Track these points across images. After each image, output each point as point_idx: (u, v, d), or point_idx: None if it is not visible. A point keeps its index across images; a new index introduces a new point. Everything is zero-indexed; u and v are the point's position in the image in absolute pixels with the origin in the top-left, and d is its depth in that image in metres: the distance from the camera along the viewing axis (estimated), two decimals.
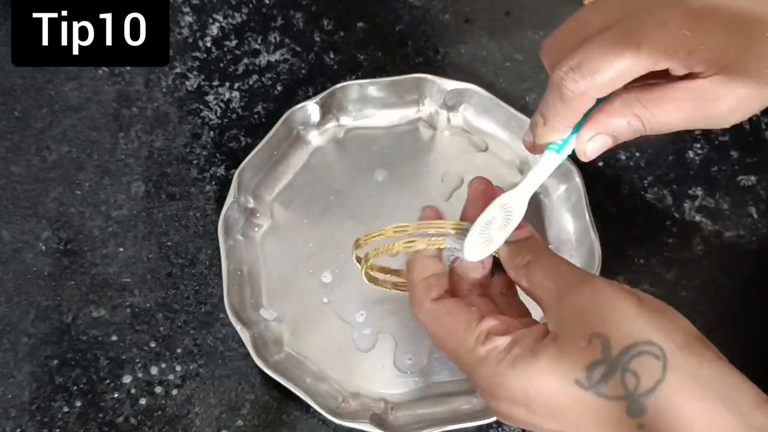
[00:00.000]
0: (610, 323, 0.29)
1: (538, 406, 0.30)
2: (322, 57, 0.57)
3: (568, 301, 0.31)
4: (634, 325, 0.29)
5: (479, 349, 0.32)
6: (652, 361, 0.28)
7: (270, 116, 0.55)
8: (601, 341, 0.29)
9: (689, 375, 0.28)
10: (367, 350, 0.48)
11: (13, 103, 0.55)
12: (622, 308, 0.30)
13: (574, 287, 0.31)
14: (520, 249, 0.36)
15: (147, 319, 0.49)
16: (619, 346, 0.29)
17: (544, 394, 0.30)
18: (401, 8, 0.59)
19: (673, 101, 0.33)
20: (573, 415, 0.30)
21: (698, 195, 0.53)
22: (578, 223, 0.51)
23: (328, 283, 0.50)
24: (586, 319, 0.30)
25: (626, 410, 0.28)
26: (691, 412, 0.27)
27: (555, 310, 0.32)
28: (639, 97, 0.33)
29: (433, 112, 0.55)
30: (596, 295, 0.30)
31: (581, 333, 0.29)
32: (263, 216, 0.52)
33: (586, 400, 0.29)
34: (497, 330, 0.33)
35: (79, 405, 0.47)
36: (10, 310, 0.49)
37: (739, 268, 0.51)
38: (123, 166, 0.53)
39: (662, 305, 0.31)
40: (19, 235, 0.51)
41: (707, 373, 0.28)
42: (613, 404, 0.28)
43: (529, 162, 0.54)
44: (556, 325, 0.31)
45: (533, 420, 0.31)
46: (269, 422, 0.47)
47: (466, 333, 0.33)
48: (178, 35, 0.58)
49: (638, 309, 0.30)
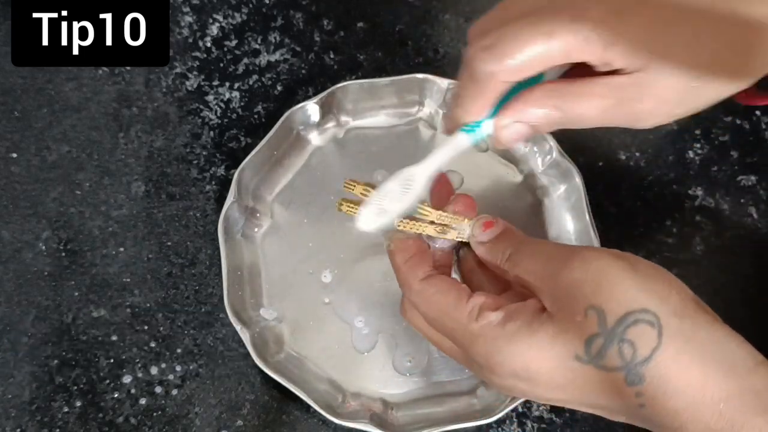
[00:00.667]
0: (604, 294, 0.29)
1: (540, 380, 0.31)
2: (322, 57, 0.57)
3: (559, 279, 0.31)
4: (627, 293, 0.29)
5: (473, 325, 0.32)
6: (648, 329, 0.28)
7: (270, 116, 0.55)
8: (597, 313, 0.29)
9: (684, 340, 0.28)
10: (366, 351, 0.48)
11: (13, 103, 0.55)
12: (614, 277, 0.29)
13: (562, 264, 0.31)
14: (497, 245, 0.35)
15: (147, 319, 0.49)
16: (615, 317, 0.28)
17: (546, 369, 0.30)
18: (401, 8, 0.59)
19: (592, 96, 0.32)
20: (575, 387, 0.30)
21: (698, 195, 0.53)
22: (578, 223, 0.51)
23: (328, 283, 0.50)
24: (580, 293, 0.30)
25: (625, 379, 0.28)
26: (687, 377, 0.27)
27: (548, 290, 0.31)
28: (559, 88, 0.33)
29: (433, 112, 0.55)
30: (586, 266, 0.30)
31: (577, 308, 0.29)
32: (263, 216, 0.52)
33: (586, 373, 0.29)
34: (488, 305, 0.33)
35: (79, 405, 0.47)
36: (10, 310, 0.49)
37: (739, 268, 0.51)
38: (123, 166, 0.53)
39: (655, 269, 0.30)
40: (19, 235, 0.51)
41: (702, 336, 0.28)
42: (613, 375, 0.29)
43: (529, 162, 0.54)
44: (551, 303, 0.31)
45: (536, 392, 0.31)
46: (269, 422, 0.47)
47: (457, 310, 0.33)
48: (178, 35, 0.58)
49: (631, 275, 0.29)
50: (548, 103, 0.33)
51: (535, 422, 0.48)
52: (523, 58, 0.31)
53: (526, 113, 0.33)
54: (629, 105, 0.32)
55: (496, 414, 0.45)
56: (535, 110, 0.33)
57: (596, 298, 0.29)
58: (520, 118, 0.34)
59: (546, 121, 0.33)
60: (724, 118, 0.55)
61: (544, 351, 0.30)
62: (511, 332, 0.31)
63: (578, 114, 0.33)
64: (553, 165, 0.52)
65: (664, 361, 0.28)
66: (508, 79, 0.32)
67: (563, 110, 0.33)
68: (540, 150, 0.53)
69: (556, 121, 0.33)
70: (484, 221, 0.36)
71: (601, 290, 0.29)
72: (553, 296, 0.31)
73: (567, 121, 0.33)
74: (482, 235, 0.36)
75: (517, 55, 0.31)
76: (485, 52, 0.32)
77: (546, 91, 0.33)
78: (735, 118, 0.55)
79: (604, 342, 0.28)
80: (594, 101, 0.33)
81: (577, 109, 0.33)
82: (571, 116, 0.33)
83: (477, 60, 0.32)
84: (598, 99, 0.32)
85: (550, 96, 0.33)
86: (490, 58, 0.32)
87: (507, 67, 0.31)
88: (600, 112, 0.33)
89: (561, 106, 0.33)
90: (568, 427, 0.48)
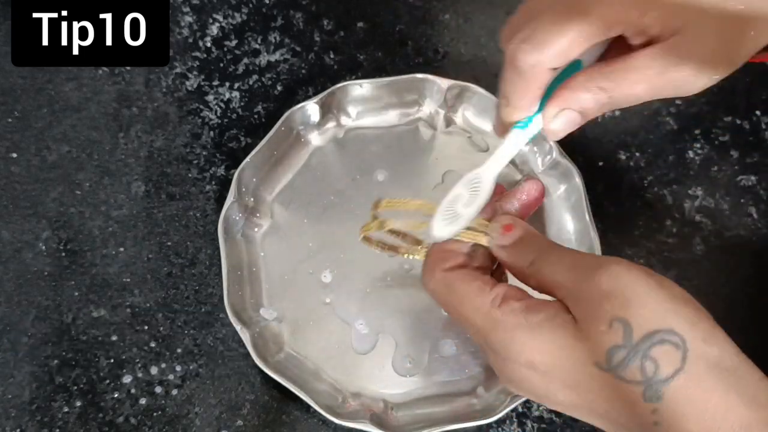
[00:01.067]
0: (633, 308, 0.29)
1: (555, 375, 0.30)
2: (322, 57, 0.57)
3: (585, 290, 0.30)
4: (656, 311, 0.29)
5: (495, 312, 0.32)
6: (673, 350, 0.28)
7: (270, 116, 0.55)
8: (623, 326, 0.28)
9: (708, 366, 0.27)
10: (366, 352, 0.48)
11: (13, 103, 0.55)
12: (644, 293, 0.29)
13: (589, 276, 0.30)
14: (518, 250, 0.34)
15: (147, 319, 0.49)
16: (641, 332, 0.28)
17: (563, 366, 0.30)
18: (401, 8, 0.59)
19: (636, 70, 0.33)
20: (589, 390, 0.30)
21: (698, 195, 0.53)
22: (578, 223, 0.51)
23: (328, 283, 0.50)
24: (607, 304, 0.29)
25: (642, 394, 0.28)
26: (706, 402, 0.27)
27: (573, 298, 0.31)
28: (602, 69, 0.33)
29: (433, 112, 0.55)
30: (615, 281, 0.30)
31: (602, 317, 0.29)
32: (263, 216, 0.52)
33: (604, 379, 0.29)
34: (512, 295, 0.32)
35: (79, 405, 0.47)
36: (10, 310, 0.49)
37: (739, 268, 0.51)
38: (123, 166, 0.53)
39: (684, 293, 0.30)
40: (19, 235, 0.51)
41: (727, 365, 0.28)
42: (631, 387, 0.28)
43: (529, 162, 0.54)
44: (575, 309, 0.31)
45: (548, 387, 0.31)
46: (269, 422, 0.47)
47: (480, 297, 0.33)
48: (178, 35, 0.58)
49: (662, 295, 0.29)
50: (594, 85, 0.33)
51: (535, 422, 0.48)
52: (564, 41, 0.31)
53: (574, 99, 0.34)
54: (672, 72, 0.32)
55: (496, 414, 0.45)
56: (583, 94, 0.33)
57: (624, 311, 0.29)
58: (569, 105, 0.34)
59: (595, 104, 0.33)
60: (724, 118, 0.55)
61: (565, 349, 0.30)
62: (534, 323, 0.31)
63: (626, 92, 0.33)
64: (553, 165, 0.52)
65: (686, 383, 0.27)
66: (553, 65, 0.32)
67: (610, 90, 0.33)
68: (540, 150, 0.53)
69: (605, 103, 0.34)
70: (503, 224, 0.35)
71: (630, 304, 0.29)
72: (578, 304, 0.31)
73: (615, 101, 0.34)
74: (502, 239, 0.35)
75: (557, 39, 0.31)
76: (526, 43, 0.32)
77: (590, 75, 0.33)
78: (735, 118, 0.55)
79: (627, 355, 0.28)
80: (640, 76, 0.33)
81: (624, 87, 0.33)
82: (618, 95, 0.33)
83: (519, 53, 0.32)
84: (644, 72, 0.32)
85: (593, 78, 0.33)
86: (532, 49, 0.32)
87: (550, 53, 0.32)
88: (647, 86, 0.33)
89: (607, 87, 0.33)
90: (568, 427, 0.48)
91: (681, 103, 0.56)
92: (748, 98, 0.56)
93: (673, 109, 0.56)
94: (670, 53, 0.32)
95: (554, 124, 0.34)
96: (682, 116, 0.55)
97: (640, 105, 0.34)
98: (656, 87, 0.33)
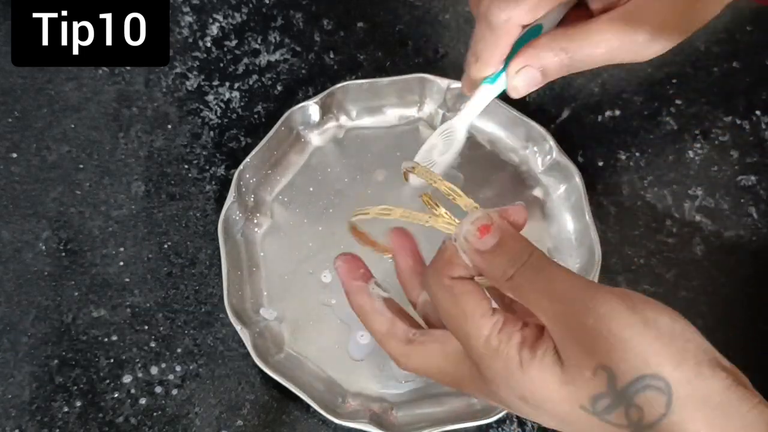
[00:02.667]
0: (617, 354, 0.28)
1: (546, 411, 0.30)
2: (322, 57, 0.57)
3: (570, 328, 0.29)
4: (640, 356, 0.28)
5: (493, 339, 0.31)
6: (657, 396, 0.27)
7: (270, 116, 0.55)
8: (606, 374, 0.28)
9: (694, 407, 0.27)
10: (361, 359, 0.48)
11: (13, 103, 0.55)
12: (628, 338, 0.28)
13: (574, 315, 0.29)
14: (495, 260, 0.30)
15: (147, 319, 0.49)
16: (625, 380, 0.28)
17: (553, 405, 0.30)
18: (401, 8, 0.59)
19: (596, 32, 0.35)
20: (578, 425, 0.30)
21: (698, 195, 0.53)
22: (578, 223, 0.51)
23: (328, 283, 0.50)
24: (591, 349, 0.29)
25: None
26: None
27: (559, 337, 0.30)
28: (563, 32, 0.36)
29: (433, 112, 0.55)
30: (601, 325, 0.28)
31: (587, 363, 0.28)
32: (263, 216, 0.52)
33: (590, 420, 0.29)
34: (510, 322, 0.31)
35: (79, 405, 0.47)
36: (10, 310, 0.49)
37: (739, 268, 0.51)
38: (123, 166, 0.53)
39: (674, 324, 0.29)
40: (19, 235, 0.51)
41: (714, 402, 0.27)
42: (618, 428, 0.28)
43: (529, 162, 0.54)
44: (560, 348, 0.30)
45: (539, 417, 0.31)
46: (269, 422, 0.47)
47: (483, 318, 0.31)
48: (178, 35, 0.58)
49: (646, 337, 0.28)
50: (557, 45, 0.36)
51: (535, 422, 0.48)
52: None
53: (536, 57, 0.36)
54: (630, 36, 0.35)
55: (496, 414, 0.45)
56: (545, 53, 0.36)
57: (607, 358, 0.28)
58: (531, 62, 0.36)
59: (556, 63, 0.36)
60: (724, 118, 0.55)
61: (554, 391, 0.29)
62: (526, 361, 0.30)
63: (587, 52, 0.36)
64: (553, 165, 0.52)
65: (672, 427, 0.27)
66: (523, 22, 0.35)
67: (572, 50, 0.36)
68: (540, 150, 0.53)
69: (566, 64, 0.36)
70: (479, 224, 0.30)
71: (614, 349, 0.28)
72: (563, 344, 0.30)
73: (575, 63, 0.36)
74: (477, 242, 0.31)
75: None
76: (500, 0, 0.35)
77: (553, 35, 0.36)
78: (735, 118, 0.55)
79: (611, 402, 0.28)
80: (597, 37, 0.35)
81: (585, 48, 0.36)
82: (578, 57, 0.36)
83: (494, 8, 0.35)
84: (601, 35, 0.35)
85: (556, 40, 0.36)
86: (506, 5, 0.34)
87: (522, 8, 0.34)
88: (604, 48, 0.35)
89: (569, 47, 0.36)
90: None
91: (681, 103, 0.56)
92: (748, 98, 0.56)
93: (673, 109, 0.56)
94: (627, 19, 0.35)
95: (516, 81, 0.37)
96: (682, 116, 0.55)
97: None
98: (613, 50, 0.36)
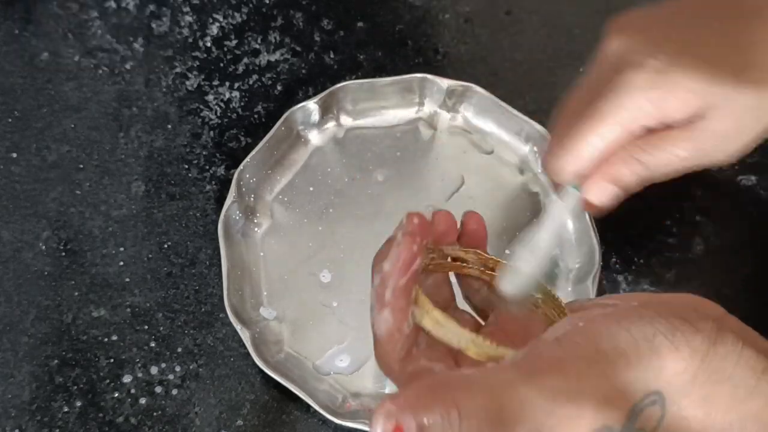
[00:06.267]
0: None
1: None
2: (322, 57, 0.57)
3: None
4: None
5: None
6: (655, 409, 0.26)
7: (270, 116, 0.55)
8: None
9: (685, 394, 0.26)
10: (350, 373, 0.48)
11: (13, 103, 0.55)
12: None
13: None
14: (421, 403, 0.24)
15: (147, 319, 0.49)
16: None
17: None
18: (401, 8, 0.59)
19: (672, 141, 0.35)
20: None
21: (698, 195, 0.53)
22: (578, 223, 0.51)
23: (328, 282, 0.50)
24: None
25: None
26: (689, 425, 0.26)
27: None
28: (639, 142, 0.35)
29: (433, 112, 0.55)
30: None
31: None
32: (263, 216, 0.52)
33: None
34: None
35: (79, 405, 0.47)
36: (10, 310, 0.49)
37: (739, 268, 0.51)
38: (123, 166, 0.53)
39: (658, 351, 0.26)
40: (19, 235, 0.51)
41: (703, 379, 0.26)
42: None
43: (529, 162, 0.54)
44: None
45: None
46: (269, 422, 0.47)
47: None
48: (178, 35, 0.58)
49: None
50: (630, 157, 0.36)
51: None
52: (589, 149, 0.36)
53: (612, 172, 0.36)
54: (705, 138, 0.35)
55: None
56: (620, 166, 0.36)
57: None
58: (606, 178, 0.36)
59: (631, 174, 0.36)
60: None
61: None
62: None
63: (662, 161, 0.36)
64: None
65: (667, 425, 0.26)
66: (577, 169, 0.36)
67: (645, 161, 0.35)
68: (540, 150, 0.53)
69: (641, 174, 0.36)
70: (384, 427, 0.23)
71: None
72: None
73: (653, 171, 0.36)
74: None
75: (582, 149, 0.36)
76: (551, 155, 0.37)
77: (628, 148, 0.36)
78: None
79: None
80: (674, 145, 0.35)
81: (660, 157, 0.35)
82: (654, 165, 0.36)
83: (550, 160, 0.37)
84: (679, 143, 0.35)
85: (632, 151, 0.36)
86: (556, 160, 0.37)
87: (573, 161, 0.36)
88: (682, 155, 0.35)
89: (642, 158, 0.36)
90: None
91: None
92: None
93: None
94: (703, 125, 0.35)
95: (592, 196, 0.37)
96: None
97: None
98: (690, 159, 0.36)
